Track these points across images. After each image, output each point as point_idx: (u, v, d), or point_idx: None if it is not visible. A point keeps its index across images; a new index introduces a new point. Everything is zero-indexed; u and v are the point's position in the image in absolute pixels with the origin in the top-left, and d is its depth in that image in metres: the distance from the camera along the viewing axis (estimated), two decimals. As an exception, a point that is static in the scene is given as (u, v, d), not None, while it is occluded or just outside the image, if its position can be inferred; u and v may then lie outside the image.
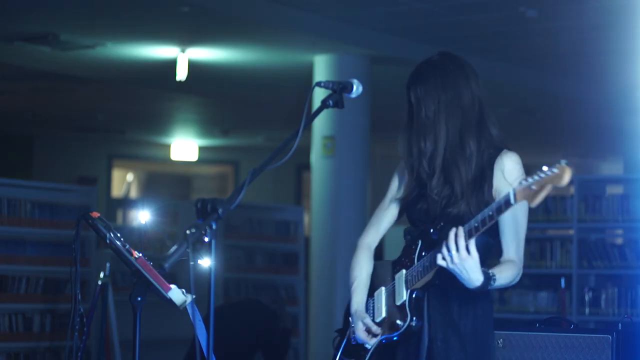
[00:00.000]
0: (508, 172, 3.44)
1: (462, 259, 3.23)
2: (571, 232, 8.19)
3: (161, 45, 10.15)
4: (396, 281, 3.50)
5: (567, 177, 3.03)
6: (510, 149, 3.50)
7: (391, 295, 3.52)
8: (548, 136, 15.70)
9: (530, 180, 3.11)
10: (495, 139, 3.50)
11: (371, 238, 3.76)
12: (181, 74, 10.41)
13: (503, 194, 3.31)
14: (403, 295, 3.45)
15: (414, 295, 3.43)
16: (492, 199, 3.42)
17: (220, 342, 3.99)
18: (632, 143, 12.61)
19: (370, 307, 3.61)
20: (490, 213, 3.22)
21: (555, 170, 3.04)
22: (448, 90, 3.48)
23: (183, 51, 10.29)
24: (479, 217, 3.25)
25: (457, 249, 3.23)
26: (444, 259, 3.26)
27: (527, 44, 10.14)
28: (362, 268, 3.69)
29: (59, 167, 16.48)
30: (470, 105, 3.49)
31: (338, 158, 9.99)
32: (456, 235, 3.24)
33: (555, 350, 4.39)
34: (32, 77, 11.89)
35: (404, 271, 3.48)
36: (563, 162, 3.04)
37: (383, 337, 3.49)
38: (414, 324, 3.41)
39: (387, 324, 3.49)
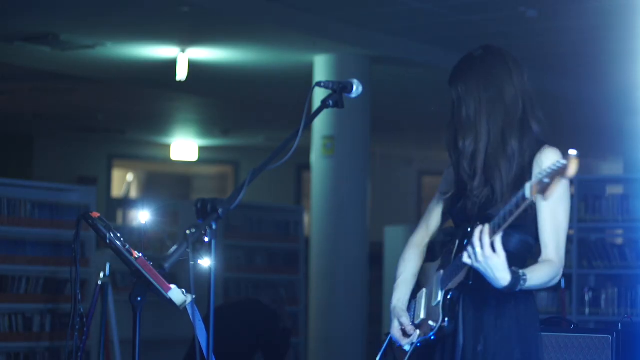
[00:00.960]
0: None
1: (487, 256, 3.11)
2: (571, 232, 8.19)
3: (161, 45, 10.16)
4: (434, 282, 3.42)
5: (572, 168, 2.97)
6: (551, 145, 3.39)
7: (430, 296, 3.43)
8: (548, 136, 15.69)
9: (542, 173, 3.07)
10: (537, 135, 3.39)
11: (420, 236, 3.64)
12: (181, 74, 10.42)
13: None
14: (438, 296, 3.36)
15: (448, 297, 3.33)
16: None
17: (220, 342, 3.99)
18: (632, 143, 12.60)
19: (412, 308, 3.53)
20: (510, 208, 3.10)
21: (564, 161, 2.99)
22: (490, 88, 3.40)
23: (183, 51, 10.29)
24: (502, 213, 3.14)
25: (482, 247, 3.12)
26: (469, 257, 3.15)
27: (527, 44, 10.14)
28: (407, 266, 3.58)
29: (59, 167, 16.49)
30: (514, 102, 3.39)
31: (338, 158, 9.99)
32: (481, 232, 3.13)
33: (555, 350, 4.39)
34: (32, 77, 11.89)
35: (441, 272, 3.39)
36: (572, 153, 2.97)
37: (419, 339, 3.41)
38: (445, 325, 3.31)
39: (424, 326, 3.40)
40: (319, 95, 4.79)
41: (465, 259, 3.16)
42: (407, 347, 3.45)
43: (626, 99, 11.49)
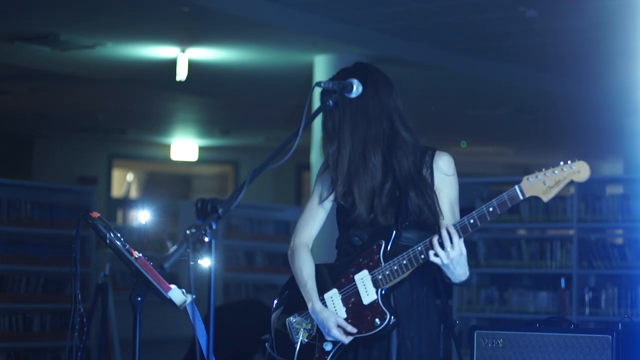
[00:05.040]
0: (447, 170, 3.57)
1: (458, 255, 3.37)
2: (571, 232, 8.19)
3: (161, 45, 10.15)
4: (357, 282, 3.54)
5: (586, 173, 3.20)
6: (442, 150, 3.61)
7: (352, 297, 3.54)
8: (548, 136, 15.70)
9: (540, 176, 3.24)
10: (417, 144, 3.59)
11: (307, 236, 3.77)
12: (181, 74, 10.41)
13: (443, 192, 3.50)
14: (373, 295, 3.50)
15: (383, 292, 3.49)
16: (428, 203, 3.51)
17: (220, 342, 3.99)
18: (632, 143, 12.60)
19: None
20: (491, 209, 3.35)
21: (573, 166, 3.19)
22: (354, 102, 3.53)
23: (183, 51, 10.29)
24: (475, 213, 3.38)
25: (453, 247, 3.35)
26: (436, 255, 3.38)
27: (527, 44, 10.13)
28: (309, 267, 3.70)
29: (59, 167, 16.48)
30: (377, 117, 3.56)
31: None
32: (449, 233, 3.36)
33: (555, 350, 4.40)
34: (32, 77, 11.89)
35: (366, 272, 3.53)
36: (577, 159, 3.19)
37: (359, 336, 3.53)
38: (392, 321, 3.47)
39: (358, 324, 3.52)
40: (319, 95, 4.79)
41: (432, 257, 3.39)
42: (328, 347, 3.55)
43: (626, 99, 11.48)
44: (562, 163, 3.30)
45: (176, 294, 3.38)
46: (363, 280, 3.53)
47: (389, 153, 3.55)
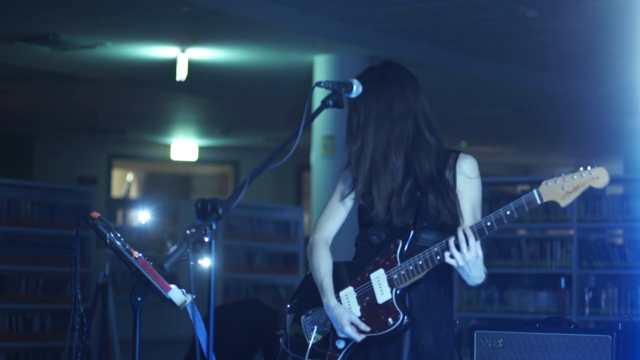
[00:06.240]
0: (469, 172, 3.56)
1: (474, 257, 3.34)
2: (571, 232, 8.19)
3: (161, 45, 10.16)
4: (373, 281, 3.53)
5: (605, 179, 3.16)
6: (465, 153, 3.60)
7: (366, 295, 3.54)
8: (548, 136, 15.70)
9: (559, 181, 3.22)
10: (440, 147, 3.58)
11: (327, 233, 3.78)
12: (181, 74, 10.42)
13: (465, 195, 3.49)
14: (388, 294, 3.49)
15: (398, 292, 3.48)
16: (447, 206, 3.50)
17: (220, 343, 3.99)
18: (632, 143, 12.60)
19: None
20: (508, 212, 3.35)
21: (592, 172, 3.15)
22: (380, 101, 3.54)
23: (183, 51, 10.29)
24: (492, 216, 3.37)
25: (469, 249, 3.33)
26: (451, 256, 3.36)
27: (527, 44, 10.14)
28: (327, 264, 3.69)
29: (59, 167, 16.49)
30: (403, 118, 3.55)
31: (338, 158, 9.98)
32: (466, 235, 3.34)
33: (555, 350, 4.40)
34: (32, 77, 11.89)
35: (381, 271, 3.52)
36: (596, 165, 3.17)
37: (372, 335, 3.52)
38: (405, 321, 3.45)
39: (372, 323, 3.51)
40: (319, 95, 4.80)
41: (448, 259, 3.37)
42: (341, 345, 3.55)
43: (626, 99, 11.49)
44: (581, 169, 3.25)
45: (176, 294, 3.38)
46: (378, 279, 3.52)
47: (411, 154, 3.54)
